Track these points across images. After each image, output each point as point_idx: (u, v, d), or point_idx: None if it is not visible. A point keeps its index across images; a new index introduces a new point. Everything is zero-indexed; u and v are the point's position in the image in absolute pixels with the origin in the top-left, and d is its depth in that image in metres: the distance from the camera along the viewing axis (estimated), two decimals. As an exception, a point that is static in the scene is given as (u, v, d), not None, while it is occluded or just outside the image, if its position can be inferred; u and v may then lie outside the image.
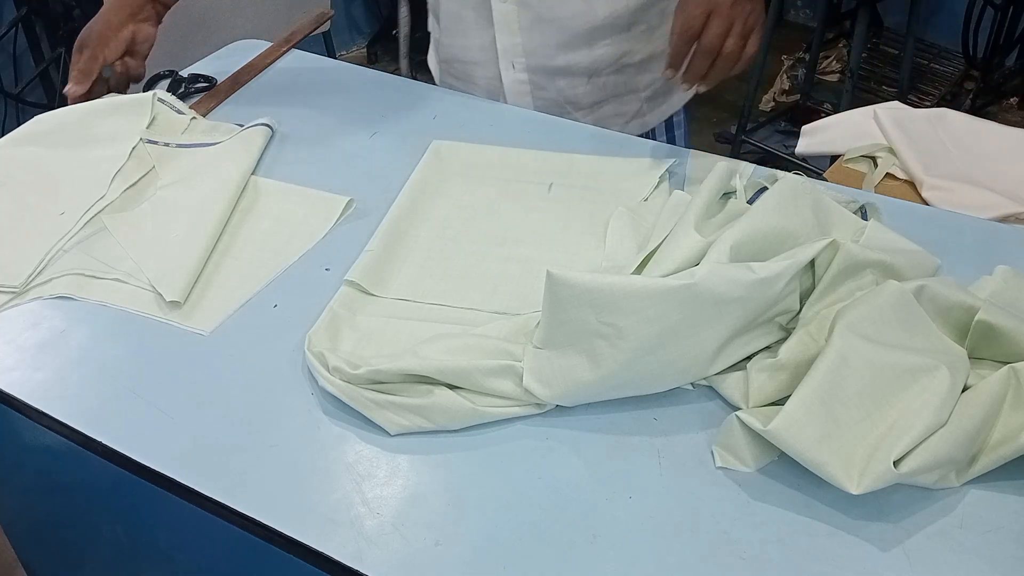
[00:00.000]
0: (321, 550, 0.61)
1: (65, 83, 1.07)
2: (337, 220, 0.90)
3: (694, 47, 0.85)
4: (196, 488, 0.66)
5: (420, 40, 3.26)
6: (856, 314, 0.68)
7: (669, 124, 1.19)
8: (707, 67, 0.85)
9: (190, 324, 0.79)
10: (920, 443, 0.61)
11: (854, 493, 0.60)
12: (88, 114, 1.02)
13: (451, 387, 0.70)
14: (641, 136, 1.13)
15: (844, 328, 0.66)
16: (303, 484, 0.66)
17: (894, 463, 0.60)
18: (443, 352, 0.71)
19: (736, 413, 0.66)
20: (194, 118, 1.06)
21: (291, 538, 0.63)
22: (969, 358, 0.69)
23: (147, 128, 1.01)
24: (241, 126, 1.03)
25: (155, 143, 1.00)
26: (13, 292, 0.83)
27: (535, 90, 1.12)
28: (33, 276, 0.84)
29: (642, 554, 0.61)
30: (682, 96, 1.17)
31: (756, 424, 0.63)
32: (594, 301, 0.67)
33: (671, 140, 1.20)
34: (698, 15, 0.84)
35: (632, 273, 0.80)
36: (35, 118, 1.04)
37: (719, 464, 0.66)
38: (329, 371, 0.71)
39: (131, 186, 0.95)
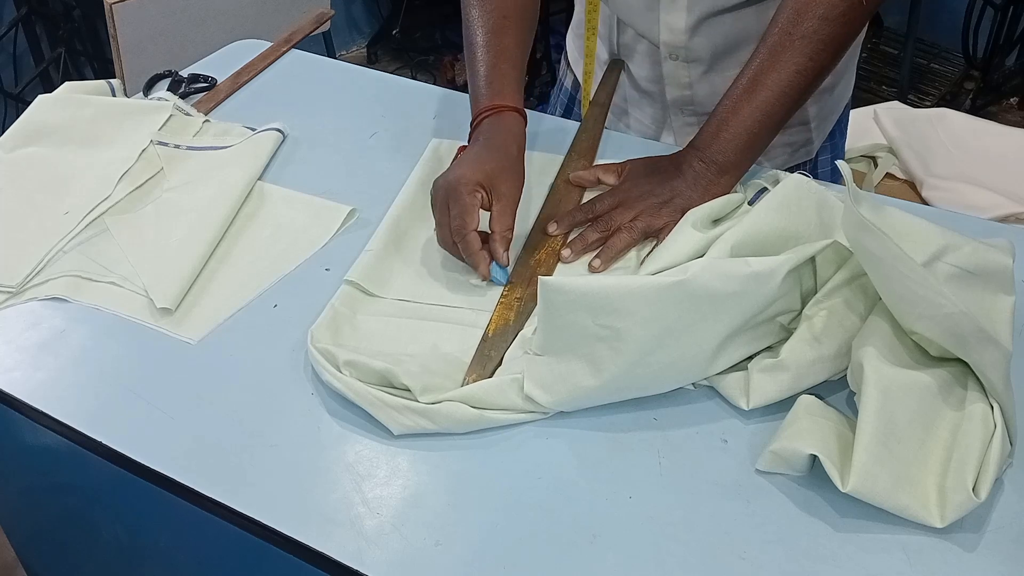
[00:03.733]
0: (321, 550, 0.61)
1: (64, 81, 1.07)
2: (338, 230, 0.90)
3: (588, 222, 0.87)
4: (196, 488, 0.66)
5: (418, 40, 3.27)
6: (873, 343, 0.67)
7: (829, 139, 1.12)
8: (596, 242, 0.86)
9: (179, 332, 0.79)
10: (983, 460, 0.62)
11: (939, 527, 0.60)
12: (102, 114, 1.02)
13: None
14: (805, 163, 1.08)
15: (872, 360, 0.65)
16: (303, 484, 0.66)
17: (972, 489, 0.61)
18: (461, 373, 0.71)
19: (815, 453, 0.63)
20: (207, 120, 1.06)
21: (291, 538, 0.63)
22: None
23: (158, 130, 1.01)
24: (253, 129, 1.03)
25: (165, 144, 1.00)
26: (9, 292, 0.83)
27: None
28: (31, 276, 0.84)
29: (642, 554, 0.61)
30: (838, 112, 1.10)
31: (836, 478, 0.62)
32: (590, 305, 0.67)
33: (833, 152, 1.13)
34: (608, 205, 0.87)
35: (631, 273, 0.80)
36: (40, 101, 1.04)
37: (765, 468, 0.66)
38: (340, 367, 0.71)
39: (137, 188, 0.95)
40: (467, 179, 0.83)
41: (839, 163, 0.69)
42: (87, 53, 2.55)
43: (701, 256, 0.77)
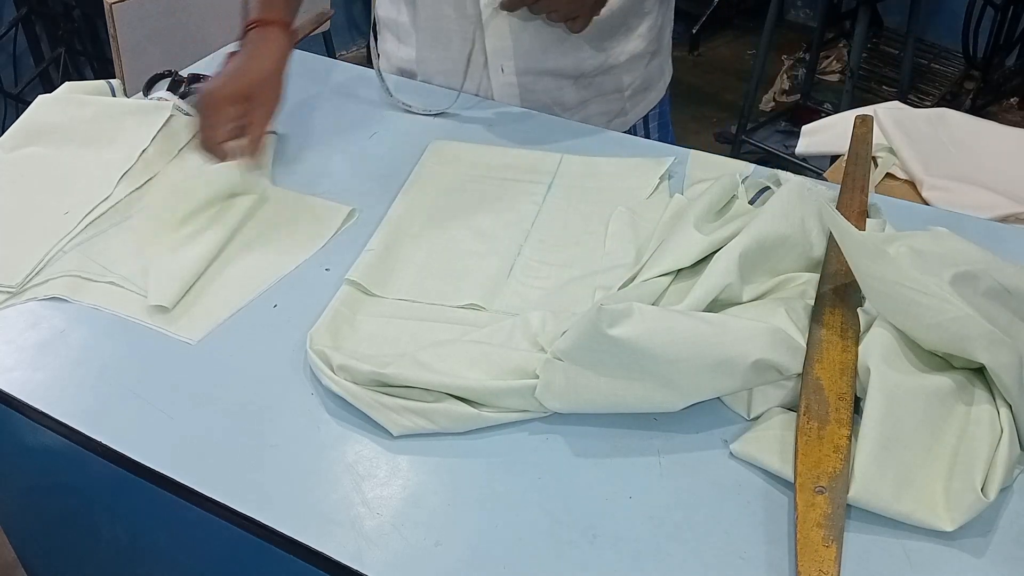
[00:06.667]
0: (321, 550, 0.61)
1: (64, 81, 1.07)
2: (338, 230, 0.90)
3: None
4: (196, 488, 0.66)
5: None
6: (879, 348, 0.67)
7: (646, 120, 1.22)
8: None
9: (179, 332, 0.79)
10: (992, 461, 0.62)
11: (949, 530, 0.60)
12: (102, 115, 1.02)
13: (460, 397, 0.69)
14: (625, 133, 1.16)
15: (878, 364, 0.65)
16: (303, 484, 0.66)
17: (980, 490, 0.61)
18: (459, 365, 0.70)
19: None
20: None
21: (291, 538, 0.63)
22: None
23: (159, 130, 1.01)
24: None
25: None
26: (9, 292, 0.83)
27: (524, 92, 1.13)
28: (31, 276, 0.84)
29: (642, 554, 0.61)
30: (658, 93, 1.21)
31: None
32: (631, 349, 0.66)
33: (654, 137, 1.24)
34: None
35: (631, 275, 0.80)
36: (40, 101, 1.03)
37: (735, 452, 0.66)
38: (334, 370, 0.71)
39: (137, 188, 0.95)
40: (221, 92, 0.92)
41: (830, 220, 0.69)
42: (87, 53, 2.55)
43: (703, 258, 0.77)
